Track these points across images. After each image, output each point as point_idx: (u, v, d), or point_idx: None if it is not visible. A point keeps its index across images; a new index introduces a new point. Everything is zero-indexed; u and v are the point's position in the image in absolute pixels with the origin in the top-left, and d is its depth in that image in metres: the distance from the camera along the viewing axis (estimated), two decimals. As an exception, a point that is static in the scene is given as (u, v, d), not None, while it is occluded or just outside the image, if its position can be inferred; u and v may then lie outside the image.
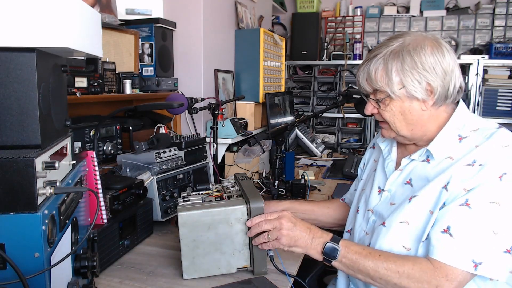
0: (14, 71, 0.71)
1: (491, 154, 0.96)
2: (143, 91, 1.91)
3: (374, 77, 1.05)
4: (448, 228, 0.94)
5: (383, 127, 1.14)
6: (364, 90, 1.11)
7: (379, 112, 1.10)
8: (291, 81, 4.05)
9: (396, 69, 1.02)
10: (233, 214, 1.12)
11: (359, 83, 1.11)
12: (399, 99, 1.05)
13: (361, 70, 1.10)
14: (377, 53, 1.06)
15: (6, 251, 0.67)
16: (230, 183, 1.33)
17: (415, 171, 1.10)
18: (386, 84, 1.04)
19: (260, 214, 1.12)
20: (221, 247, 1.13)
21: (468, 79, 3.53)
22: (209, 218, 1.11)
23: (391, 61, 1.03)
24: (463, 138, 1.03)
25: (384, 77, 1.04)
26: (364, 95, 1.14)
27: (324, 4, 4.20)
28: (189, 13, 2.17)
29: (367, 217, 1.19)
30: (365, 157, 1.41)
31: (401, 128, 1.08)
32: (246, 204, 1.13)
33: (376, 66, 1.05)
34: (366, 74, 1.08)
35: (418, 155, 1.10)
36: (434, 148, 1.06)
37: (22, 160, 0.67)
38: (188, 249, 1.12)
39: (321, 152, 3.02)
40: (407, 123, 1.07)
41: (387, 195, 1.15)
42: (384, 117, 1.09)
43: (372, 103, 1.10)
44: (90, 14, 0.88)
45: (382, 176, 1.20)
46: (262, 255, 1.15)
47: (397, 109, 1.06)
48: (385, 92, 1.05)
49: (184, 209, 1.12)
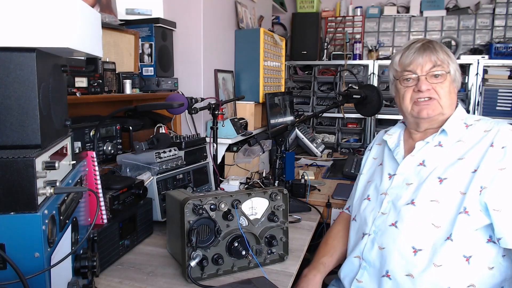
0: (14, 71, 0.71)
1: (506, 136, 1.10)
2: (143, 91, 1.91)
3: (441, 53, 1.21)
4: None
5: (429, 104, 1.22)
6: (421, 66, 1.20)
7: (433, 88, 1.20)
8: (291, 81, 4.05)
9: (450, 54, 1.23)
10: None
11: (419, 58, 1.21)
12: (450, 79, 1.22)
13: (417, 47, 1.22)
14: (429, 39, 1.24)
15: (6, 251, 0.66)
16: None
17: (429, 154, 1.21)
18: (448, 62, 1.21)
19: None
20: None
21: (468, 79, 3.53)
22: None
23: (444, 48, 1.22)
24: (469, 126, 1.20)
25: (446, 56, 1.21)
26: (405, 77, 1.24)
27: (324, 4, 4.20)
28: (189, 13, 2.17)
29: (380, 200, 1.25)
30: (363, 159, 1.50)
31: (447, 104, 1.21)
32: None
33: (439, 47, 1.22)
34: (431, 50, 1.21)
35: (432, 138, 1.22)
36: (449, 128, 1.20)
37: (22, 160, 0.67)
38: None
39: (321, 152, 3.02)
40: (451, 101, 1.22)
41: (399, 177, 1.24)
42: (438, 93, 1.20)
43: (429, 79, 1.20)
44: (90, 14, 0.88)
45: (392, 164, 1.30)
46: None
47: (448, 87, 1.21)
48: (447, 69, 1.20)
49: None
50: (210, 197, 1.16)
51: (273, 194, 1.25)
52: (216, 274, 1.17)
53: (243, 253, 1.17)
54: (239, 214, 1.20)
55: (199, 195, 1.19)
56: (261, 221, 1.24)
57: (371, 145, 1.50)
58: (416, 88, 1.22)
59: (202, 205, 1.14)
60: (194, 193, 1.36)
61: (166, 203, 1.38)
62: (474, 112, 3.47)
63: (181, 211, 1.12)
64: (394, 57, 1.30)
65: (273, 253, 1.25)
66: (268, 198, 1.25)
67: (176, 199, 1.20)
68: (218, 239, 1.16)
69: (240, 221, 1.20)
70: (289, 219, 1.31)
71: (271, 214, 1.25)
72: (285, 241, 1.27)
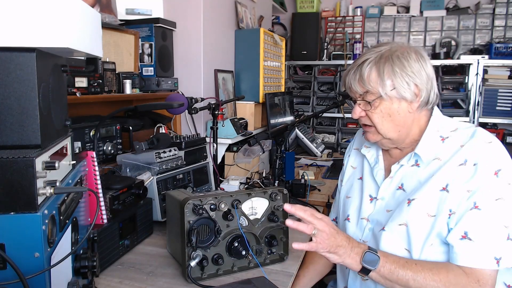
0: (14, 71, 0.71)
1: (480, 152, 1.02)
2: (143, 91, 1.91)
3: (367, 79, 1.08)
4: (466, 233, 0.98)
5: (368, 131, 1.16)
6: (354, 92, 1.13)
7: (367, 115, 1.12)
8: (291, 81, 4.05)
9: (388, 71, 1.06)
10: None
11: (350, 85, 1.13)
12: (390, 100, 1.08)
13: (351, 73, 1.12)
14: (367, 58, 1.09)
15: (6, 251, 0.66)
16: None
17: (406, 176, 1.13)
18: (379, 85, 1.07)
19: (304, 207, 1.04)
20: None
21: (468, 79, 3.53)
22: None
23: (382, 64, 1.06)
24: (445, 139, 1.10)
25: (376, 78, 1.07)
26: (350, 100, 1.16)
27: (324, 4, 4.19)
28: (189, 13, 2.17)
29: (361, 225, 1.20)
30: (344, 163, 1.40)
31: (388, 129, 1.11)
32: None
33: (369, 69, 1.08)
34: (358, 76, 1.10)
35: (407, 160, 1.13)
36: (421, 151, 1.10)
37: (22, 160, 0.67)
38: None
39: (321, 152, 3.02)
40: (395, 124, 1.10)
41: (381, 203, 1.17)
42: (372, 120, 1.11)
43: (361, 106, 1.12)
44: (90, 14, 0.88)
45: (372, 185, 1.22)
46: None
47: (386, 110, 1.09)
48: (377, 93, 1.07)
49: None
50: (210, 197, 1.16)
51: (273, 194, 1.25)
52: (216, 274, 1.17)
53: (243, 253, 1.17)
54: (239, 214, 1.20)
55: (199, 195, 1.19)
56: (261, 221, 1.24)
57: (349, 149, 1.40)
58: None
59: (202, 205, 1.14)
60: (194, 193, 1.36)
61: (166, 203, 1.38)
62: (474, 112, 3.47)
63: (181, 211, 1.12)
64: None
65: (273, 253, 1.25)
66: (268, 198, 1.24)
67: (176, 199, 1.20)
68: (218, 239, 1.16)
69: (240, 221, 1.20)
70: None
71: (271, 214, 1.25)
72: (285, 241, 1.27)
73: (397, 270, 1.00)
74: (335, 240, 1.00)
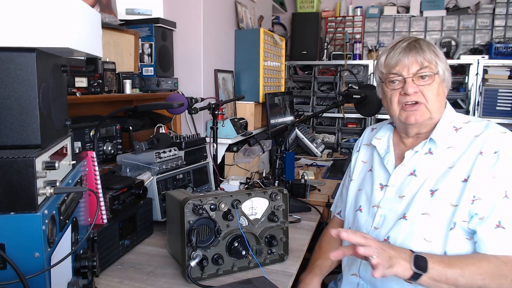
0: (14, 71, 0.71)
1: (499, 141, 1.06)
2: (143, 91, 1.91)
3: (428, 53, 1.12)
4: (499, 222, 1.00)
5: (417, 110, 1.15)
6: (405, 68, 1.13)
7: (420, 91, 1.13)
8: (291, 81, 4.05)
9: (437, 52, 1.14)
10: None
11: (400, 61, 1.13)
12: (439, 79, 1.14)
13: (402, 50, 1.14)
14: (418, 38, 1.16)
15: (6, 251, 0.66)
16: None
17: (419, 163, 1.16)
18: (435, 62, 1.13)
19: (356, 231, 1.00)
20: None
21: (468, 79, 3.53)
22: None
23: (432, 46, 1.14)
24: (459, 129, 1.14)
25: (434, 55, 1.13)
26: (394, 79, 1.16)
27: (324, 4, 4.19)
28: (189, 13, 2.17)
29: (372, 213, 1.21)
30: (352, 161, 1.41)
31: (435, 108, 1.14)
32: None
33: (426, 45, 1.14)
34: (416, 51, 1.12)
35: (421, 146, 1.17)
36: (437, 136, 1.14)
37: (22, 160, 0.67)
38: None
39: (321, 152, 3.02)
40: (439, 104, 1.15)
41: (391, 189, 1.18)
42: (426, 96, 1.13)
43: (416, 81, 1.13)
44: (90, 14, 0.88)
45: (382, 173, 1.24)
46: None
47: (436, 89, 1.13)
48: (435, 69, 1.12)
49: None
50: (210, 197, 1.16)
51: (273, 194, 1.25)
52: (216, 274, 1.17)
53: (243, 253, 1.17)
54: (239, 214, 1.20)
55: (199, 195, 1.19)
56: (261, 221, 1.24)
57: (358, 145, 1.42)
58: (402, 91, 1.14)
59: (202, 205, 1.14)
60: (194, 193, 1.36)
61: (166, 203, 1.38)
62: (474, 112, 3.47)
63: (181, 211, 1.12)
64: (379, 58, 1.21)
65: (273, 253, 1.25)
66: (268, 198, 1.24)
67: (176, 199, 1.20)
68: (218, 239, 1.16)
69: (240, 221, 1.20)
70: (289, 219, 1.31)
71: (271, 214, 1.25)
72: (285, 241, 1.27)
73: (446, 270, 0.97)
74: (385, 253, 0.96)
